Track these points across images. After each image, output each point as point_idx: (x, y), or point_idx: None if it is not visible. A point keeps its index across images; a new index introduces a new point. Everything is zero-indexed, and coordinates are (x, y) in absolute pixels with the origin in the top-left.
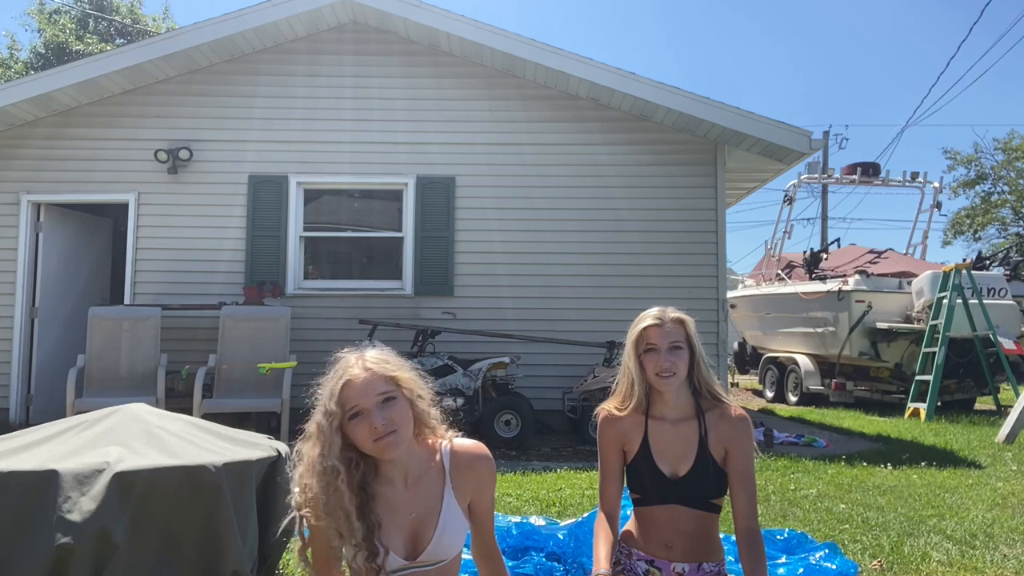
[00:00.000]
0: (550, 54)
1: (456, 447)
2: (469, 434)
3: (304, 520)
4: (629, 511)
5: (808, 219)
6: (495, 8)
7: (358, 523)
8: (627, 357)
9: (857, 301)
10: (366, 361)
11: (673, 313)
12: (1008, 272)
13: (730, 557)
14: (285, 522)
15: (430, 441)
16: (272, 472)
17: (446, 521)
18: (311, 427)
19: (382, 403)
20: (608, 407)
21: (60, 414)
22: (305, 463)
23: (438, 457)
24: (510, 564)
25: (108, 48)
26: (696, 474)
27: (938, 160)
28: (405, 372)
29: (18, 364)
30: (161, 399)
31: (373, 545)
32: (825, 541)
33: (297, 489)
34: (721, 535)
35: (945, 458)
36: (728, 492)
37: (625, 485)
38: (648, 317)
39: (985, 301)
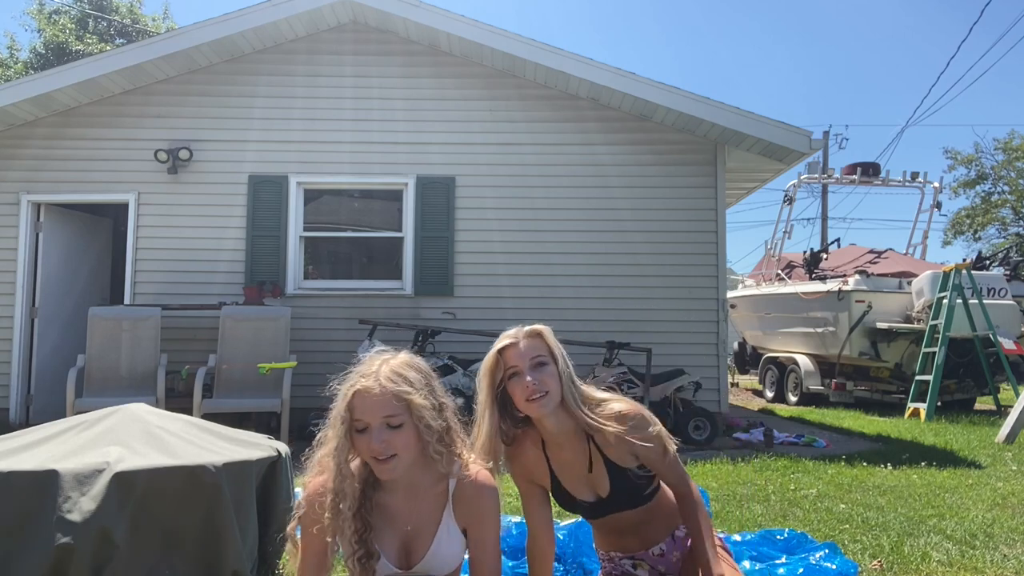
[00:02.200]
0: (550, 54)
1: (464, 475)
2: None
3: (300, 521)
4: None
5: (808, 219)
6: (495, 8)
7: (357, 522)
8: (482, 397)
9: (857, 301)
10: (383, 375)
11: (526, 328)
12: (1008, 272)
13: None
14: (297, 503)
15: (444, 460)
16: (272, 472)
17: (442, 539)
18: (333, 416)
19: (386, 427)
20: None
21: (60, 414)
22: (324, 450)
23: (447, 479)
24: (510, 564)
25: (108, 48)
26: (618, 488)
27: (938, 160)
28: (419, 396)
29: (18, 364)
30: (161, 399)
31: (368, 546)
32: (825, 541)
33: (312, 473)
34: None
35: (945, 458)
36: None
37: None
38: (501, 339)
39: (985, 301)
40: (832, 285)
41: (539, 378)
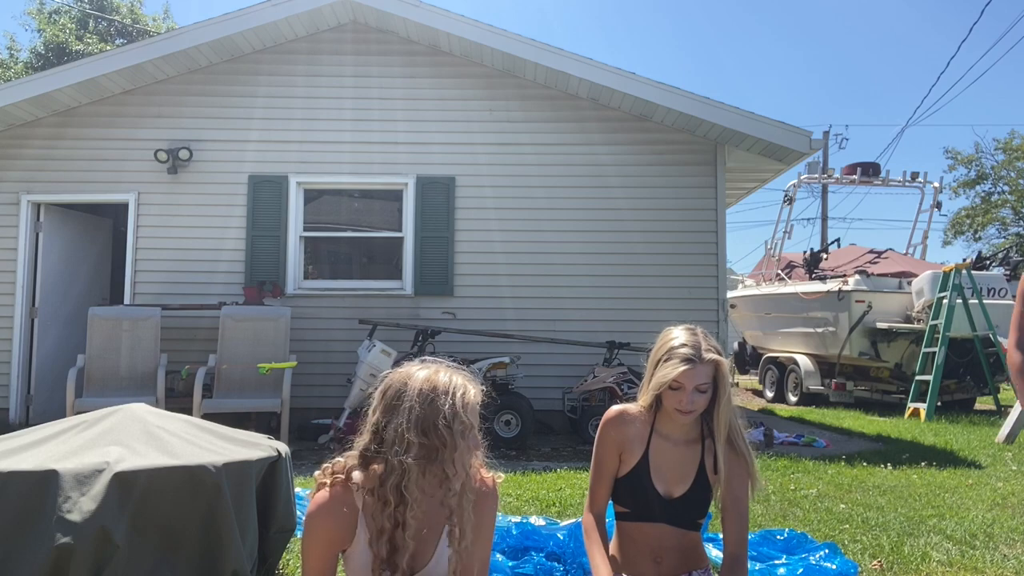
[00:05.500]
0: (550, 54)
1: (473, 480)
2: None
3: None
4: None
5: (808, 219)
6: (495, 8)
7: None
8: (648, 376)
9: (857, 301)
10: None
11: (709, 353)
12: (1008, 272)
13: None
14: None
15: (455, 464)
16: (272, 472)
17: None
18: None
19: None
20: (623, 407)
21: (60, 414)
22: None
23: (451, 480)
24: (510, 564)
25: (108, 48)
26: (689, 498)
27: (938, 160)
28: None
29: (18, 364)
30: (161, 399)
31: (382, 548)
32: (825, 541)
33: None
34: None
35: (945, 458)
36: (721, 517)
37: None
38: (681, 359)
39: (985, 301)
40: (832, 285)
41: (695, 400)
